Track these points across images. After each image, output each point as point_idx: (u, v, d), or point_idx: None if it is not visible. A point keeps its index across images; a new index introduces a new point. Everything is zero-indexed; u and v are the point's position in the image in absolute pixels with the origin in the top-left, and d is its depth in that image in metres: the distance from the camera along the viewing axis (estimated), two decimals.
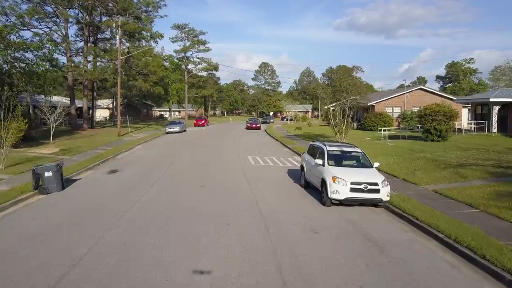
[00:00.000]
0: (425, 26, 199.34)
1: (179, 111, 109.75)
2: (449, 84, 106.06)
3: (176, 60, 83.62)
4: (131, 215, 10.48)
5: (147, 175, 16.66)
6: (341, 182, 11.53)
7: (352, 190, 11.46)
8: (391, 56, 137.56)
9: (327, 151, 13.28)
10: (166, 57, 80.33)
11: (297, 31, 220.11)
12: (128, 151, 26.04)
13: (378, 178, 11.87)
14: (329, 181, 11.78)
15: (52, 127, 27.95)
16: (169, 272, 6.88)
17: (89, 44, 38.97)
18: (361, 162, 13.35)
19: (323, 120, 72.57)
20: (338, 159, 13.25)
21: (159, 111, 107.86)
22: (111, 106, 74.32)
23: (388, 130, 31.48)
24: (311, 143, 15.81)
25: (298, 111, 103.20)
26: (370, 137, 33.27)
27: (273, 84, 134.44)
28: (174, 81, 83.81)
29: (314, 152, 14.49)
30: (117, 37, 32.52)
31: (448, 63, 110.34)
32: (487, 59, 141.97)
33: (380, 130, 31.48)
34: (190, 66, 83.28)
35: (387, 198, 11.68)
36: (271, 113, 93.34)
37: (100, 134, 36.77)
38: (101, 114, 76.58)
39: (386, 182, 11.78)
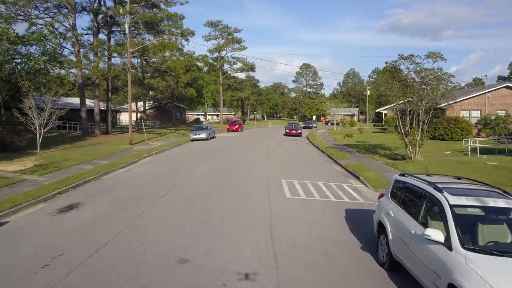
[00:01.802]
0: (473, 27, 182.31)
1: (217, 115, 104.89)
2: None
3: (210, 61, 78.26)
4: None
5: (108, 221, 10.03)
6: None
7: None
8: None
9: (451, 207, 5.71)
10: (199, 57, 75.34)
11: (338, 35, 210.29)
12: (125, 168, 19.84)
13: None
14: None
15: (40, 133, 22.49)
16: None
17: (98, 36, 33.62)
18: None
19: (374, 126, 63.67)
20: (481, 229, 5.67)
21: (197, 114, 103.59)
22: (141, 109, 70.01)
23: (476, 141, 22.94)
24: (397, 177, 8.02)
25: (344, 115, 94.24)
26: (449, 150, 24.76)
27: (315, 86, 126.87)
28: (208, 83, 78.40)
29: (410, 200, 7.01)
30: (126, 25, 26.68)
31: None
32: None
33: (466, 141, 23.04)
34: (225, 67, 77.60)
35: None
36: (314, 117, 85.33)
37: (109, 142, 31.20)
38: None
39: None
